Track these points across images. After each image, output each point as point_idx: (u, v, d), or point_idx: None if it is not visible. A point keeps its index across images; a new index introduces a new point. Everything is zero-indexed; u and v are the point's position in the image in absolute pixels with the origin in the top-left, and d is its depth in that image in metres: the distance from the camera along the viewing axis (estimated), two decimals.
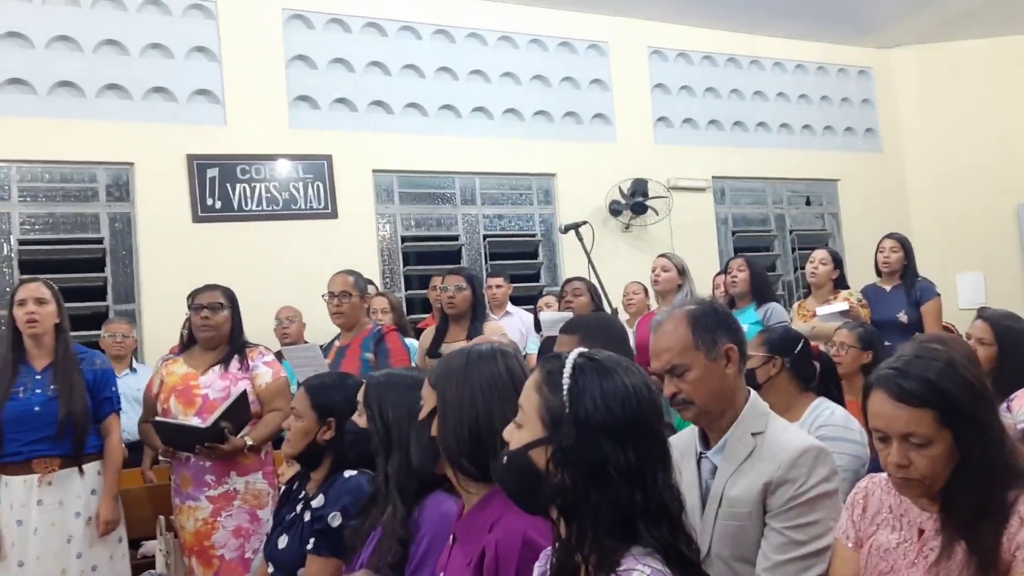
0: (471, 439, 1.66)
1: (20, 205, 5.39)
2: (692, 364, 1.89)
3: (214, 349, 3.54)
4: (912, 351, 1.60)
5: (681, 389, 1.90)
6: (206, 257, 5.48)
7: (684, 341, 1.90)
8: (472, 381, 1.70)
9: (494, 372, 1.73)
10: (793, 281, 7.95)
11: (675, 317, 1.95)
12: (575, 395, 1.33)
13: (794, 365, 2.75)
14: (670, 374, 1.91)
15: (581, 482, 1.29)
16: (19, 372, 3.29)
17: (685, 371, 1.89)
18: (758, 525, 1.83)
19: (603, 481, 1.28)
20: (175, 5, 5.80)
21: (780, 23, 7.75)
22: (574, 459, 1.30)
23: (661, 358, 1.92)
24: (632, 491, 1.29)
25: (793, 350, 2.77)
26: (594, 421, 1.30)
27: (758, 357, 2.73)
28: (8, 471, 3.24)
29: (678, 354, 1.90)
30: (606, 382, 1.34)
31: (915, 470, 1.53)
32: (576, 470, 1.29)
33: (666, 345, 1.92)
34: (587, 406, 1.31)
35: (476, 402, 1.68)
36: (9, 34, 5.34)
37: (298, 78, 6.15)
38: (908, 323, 4.75)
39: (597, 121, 7.26)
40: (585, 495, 1.29)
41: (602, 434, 1.30)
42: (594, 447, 1.29)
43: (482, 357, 1.75)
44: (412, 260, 6.63)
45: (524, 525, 1.52)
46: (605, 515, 1.28)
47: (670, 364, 1.91)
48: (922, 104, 8.49)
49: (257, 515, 3.37)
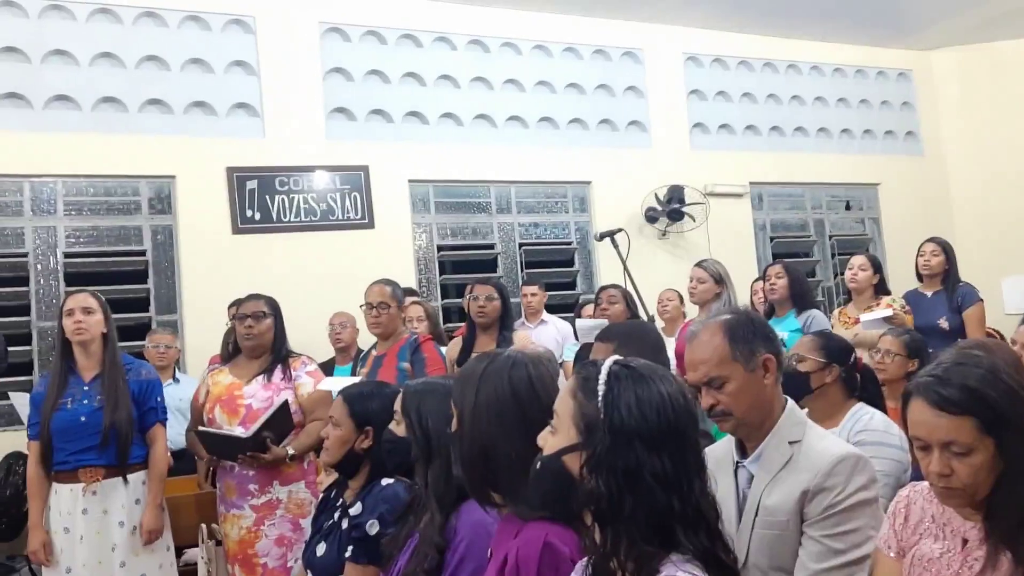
0: (484, 465, 1.67)
1: (65, 219, 5.52)
2: (730, 376, 1.85)
3: (258, 359, 3.57)
4: (952, 358, 1.57)
5: (719, 401, 1.86)
6: (246, 268, 5.56)
7: (721, 353, 1.86)
8: (480, 404, 1.70)
9: (501, 392, 1.70)
10: (833, 287, 7.85)
11: (710, 327, 1.91)
12: (610, 402, 1.33)
13: (846, 374, 2.73)
14: (707, 386, 1.87)
15: (616, 488, 1.29)
16: (68, 383, 3.36)
17: (723, 383, 1.85)
18: (796, 534, 1.81)
19: (638, 487, 1.29)
20: (215, 20, 5.91)
21: (817, 26, 7.68)
22: (608, 465, 1.30)
23: (698, 370, 1.88)
24: (669, 497, 1.29)
25: (848, 360, 2.74)
26: (629, 427, 1.31)
27: (814, 362, 2.69)
28: (58, 479, 3.32)
29: (715, 366, 1.86)
30: (641, 389, 1.34)
31: (957, 479, 1.50)
32: (611, 476, 1.29)
33: (702, 357, 1.88)
34: (622, 412, 1.32)
35: (484, 428, 1.68)
36: (54, 52, 5.48)
37: (335, 90, 6.23)
38: (950, 329, 4.66)
39: (632, 128, 7.24)
40: (620, 501, 1.29)
41: (636, 440, 1.30)
42: (628, 453, 1.30)
43: (489, 377, 1.73)
44: (448, 269, 6.66)
45: (545, 531, 1.52)
46: (640, 521, 1.28)
47: (707, 376, 1.86)
48: (964, 106, 8.35)
49: (300, 524, 3.39)
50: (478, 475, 1.69)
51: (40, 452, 3.31)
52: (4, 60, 5.36)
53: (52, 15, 5.50)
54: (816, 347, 2.74)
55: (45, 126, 5.40)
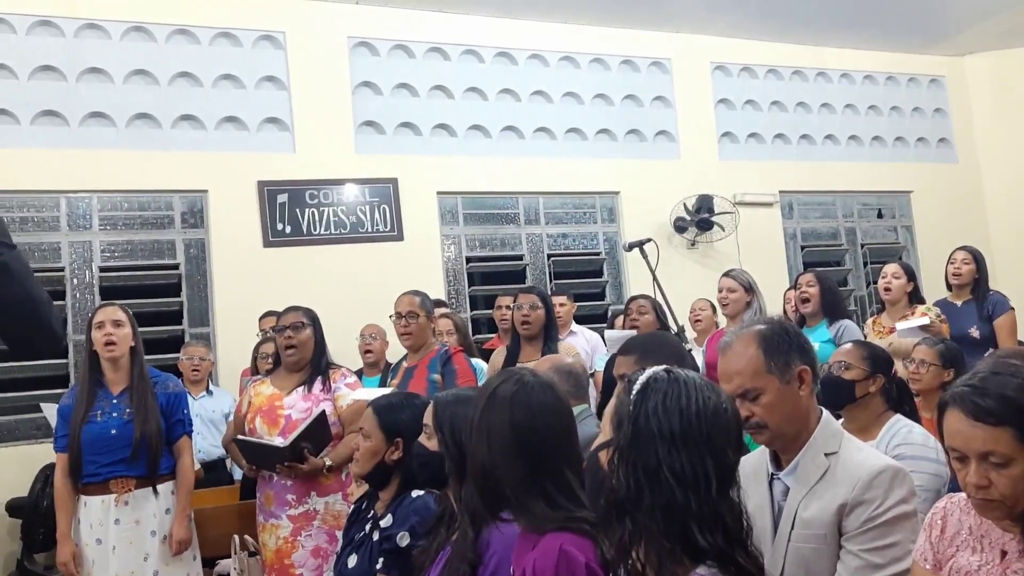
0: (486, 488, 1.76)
1: (101, 233, 5.60)
2: (766, 388, 1.82)
3: (299, 370, 3.59)
4: (988, 367, 1.54)
5: (754, 413, 1.83)
6: (277, 281, 5.61)
7: (756, 364, 1.83)
8: (480, 430, 1.77)
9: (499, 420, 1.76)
10: (866, 296, 7.76)
11: (744, 338, 1.88)
12: (639, 401, 1.43)
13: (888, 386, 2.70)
14: (742, 397, 1.83)
15: (635, 481, 1.37)
16: (97, 396, 3.39)
17: (758, 395, 1.82)
18: (833, 548, 1.78)
19: (657, 483, 1.37)
20: (246, 37, 5.99)
21: (846, 34, 7.62)
22: (630, 458, 1.39)
23: (732, 381, 1.84)
24: (686, 495, 1.35)
25: (890, 371, 2.71)
26: (651, 425, 1.40)
27: (860, 371, 2.66)
28: (88, 491, 3.35)
29: (750, 378, 1.83)
30: (672, 393, 1.42)
31: (995, 490, 1.47)
32: (631, 469, 1.38)
33: (737, 368, 1.85)
34: (647, 411, 1.41)
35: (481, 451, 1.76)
36: (90, 70, 5.58)
37: (364, 104, 6.28)
38: (981, 338, 4.58)
39: (660, 138, 7.23)
40: (639, 494, 1.37)
41: (657, 438, 1.39)
42: (649, 450, 1.39)
43: (491, 402, 1.79)
44: (477, 280, 6.67)
45: (561, 541, 1.54)
46: (658, 516, 1.35)
47: (742, 388, 1.83)
48: (998, 112, 8.24)
49: (336, 536, 3.38)
50: (484, 493, 1.75)
51: (68, 465, 3.34)
52: (41, 79, 5.47)
53: (87, 34, 5.61)
54: (862, 356, 2.71)
55: (81, 143, 5.50)
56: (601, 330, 5.37)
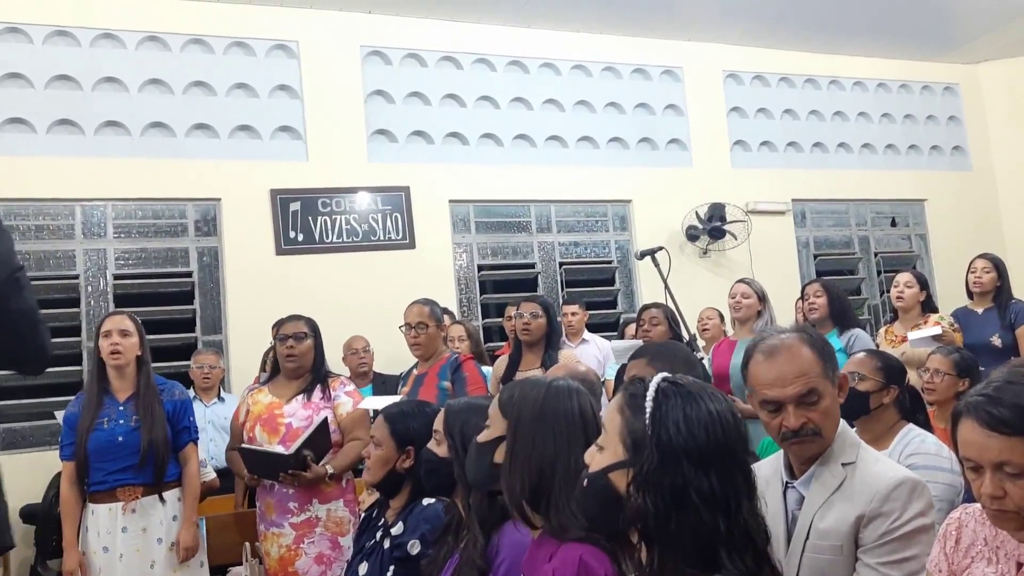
0: (538, 480, 1.66)
1: (115, 241, 5.64)
2: (824, 392, 1.76)
3: (298, 379, 3.61)
4: (1004, 376, 1.52)
5: (811, 419, 1.74)
6: (289, 288, 5.62)
7: (817, 366, 1.75)
8: (547, 419, 1.69)
9: (569, 411, 1.73)
10: (879, 305, 7.71)
11: (791, 342, 1.80)
12: (657, 419, 1.32)
13: (901, 395, 2.68)
14: (801, 401, 1.74)
15: (663, 506, 1.27)
16: (103, 404, 3.40)
17: (819, 399, 1.74)
18: (849, 560, 1.75)
19: (684, 506, 1.27)
20: (259, 46, 6.03)
21: (859, 42, 7.60)
22: (655, 482, 1.28)
23: (792, 384, 1.74)
24: (714, 517, 1.26)
25: (903, 381, 2.69)
26: (676, 445, 1.29)
27: (874, 382, 2.63)
28: (95, 499, 3.35)
29: (815, 379, 1.74)
30: (689, 407, 1.32)
31: (1010, 501, 1.45)
32: (657, 494, 1.28)
33: (799, 369, 1.75)
34: (669, 430, 1.30)
35: (547, 443, 1.67)
36: (105, 79, 5.62)
37: (376, 112, 6.30)
38: (1003, 347, 4.54)
39: (673, 146, 7.22)
40: (666, 519, 1.27)
41: (684, 459, 1.28)
42: (676, 471, 1.28)
43: (559, 393, 1.75)
44: (489, 288, 6.68)
45: (580, 552, 1.51)
46: (686, 540, 1.26)
47: (806, 389, 1.74)
48: (1012, 119, 8.19)
49: (339, 542, 3.42)
50: (527, 492, 1.68)
51: (75, 472, 3.35)
52: (57, 88, 5.53)
53: (103, 44, 5.66)
54: (876, 367, 2.68)
55: (96, 151, 5.55)
56: (613, 338, 5.36)
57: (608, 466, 1.34)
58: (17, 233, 5.41)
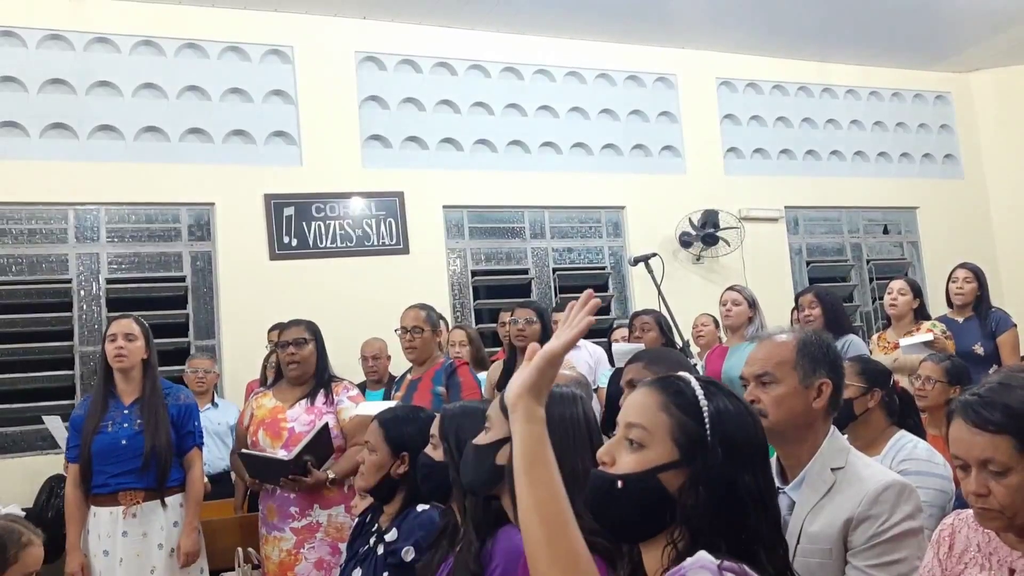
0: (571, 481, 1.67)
1: (108, 245, 5.62)
2: (783, 380, 1.88)
3: (302, 384, 3.61)
4: (997, 379, 1.55)
5: (759, 399, 1.88)
6: (283, 293, 5.62)
7: (784, 355, 1.90)
8: (553, 424, 1.69)
9: (574, 416, 1.76)
10: (871, 312, 7.74)
11: (784, 337, 1.97)
12: (715, 417, 1.29)
13: (887, 398, 2.68)
14: (757, 380, 1.90)
15: (715, 505, 1.24)
16: (109, 406, 3.40)
17: (771, 382, 1.89)
18: (839, 563, 1.77)
19: (736, 504, 1.25)
20: (254, 51, 6.03)
21: (852, 50, 7.64)
22: (716, 481, 1.25)
23: (755, 364, 1.93)
24: (756, 515, 1.26)
25: (887, 383, 2.69)
26: (737, 443, 1.27)
27: (855, 388, 2.62)
28: (97, 502, 3.35)
29: (773, 365, 1.90)
30: (734, 405, 1.31)
31: (994, 500, 1.47)
32: (714, 493, 1.25)
33: (765, 354, 1.93)
34: (730, 428, 1.28)
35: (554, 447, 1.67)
36: (99, 83, 5.62)
37: (371, 118, 6.31)
38: (985, 355, 4.57)
39: (666, 153, 7.24)
40: (715, 518, 1.24)
41: (742, 456, 1.27)
42: (733, 470, 1.26)
43: (563, 399, 1.77)
44: (482, 294, 6.68)
45: None
46: (731, 539, 1.23)
47: (762, 370, 1.90)
48: (1003, 128, 8.24)
49: (339, 548, 3.39)
50: None
51: (79, 475, 3.35)
52: (51, 91, 5.52)
53: (97, 48, 5.65)
54: (856, 372, 2.68)
55: (89, 155, 5.54)
56: (605, 344, 5.36)
57: (658, 466, 1.28)
58: (9, 237, 5.41)
